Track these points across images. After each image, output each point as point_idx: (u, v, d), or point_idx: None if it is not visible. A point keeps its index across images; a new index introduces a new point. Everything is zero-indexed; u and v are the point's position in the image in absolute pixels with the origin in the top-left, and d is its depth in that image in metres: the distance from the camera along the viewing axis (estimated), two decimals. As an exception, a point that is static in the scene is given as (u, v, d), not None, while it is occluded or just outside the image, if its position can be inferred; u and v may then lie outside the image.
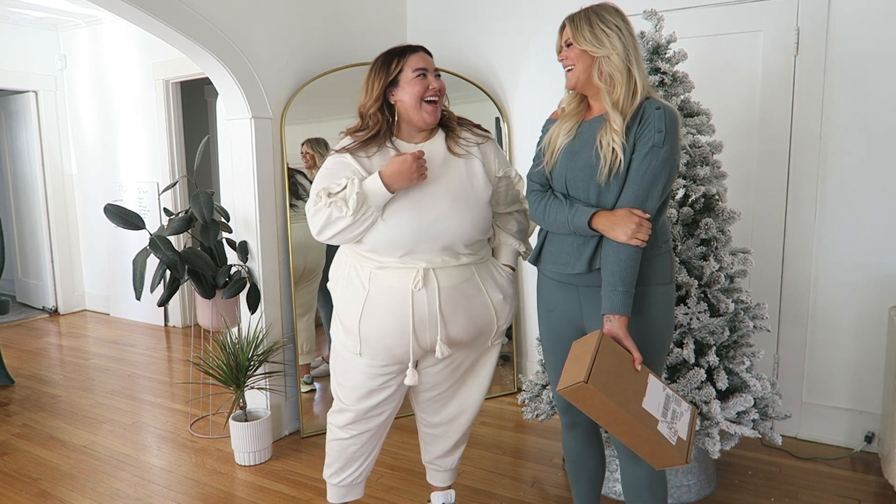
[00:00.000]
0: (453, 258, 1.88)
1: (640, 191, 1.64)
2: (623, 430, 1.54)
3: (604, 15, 1.69)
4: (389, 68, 1.86)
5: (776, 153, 2.87)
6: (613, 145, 1.63)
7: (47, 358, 4.43)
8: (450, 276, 1.87)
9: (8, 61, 5.11)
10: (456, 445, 2.26)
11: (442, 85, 1.89)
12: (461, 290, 1.89)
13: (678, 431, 1.59)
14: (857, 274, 2.78)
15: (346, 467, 2.14)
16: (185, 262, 2.99)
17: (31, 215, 5.61)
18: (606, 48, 1.66)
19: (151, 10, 2.46)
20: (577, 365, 1.55)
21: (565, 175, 1.74)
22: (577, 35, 1.69)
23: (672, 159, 1.65)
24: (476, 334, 1.97)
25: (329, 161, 1.89)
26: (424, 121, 1.87)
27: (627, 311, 1.63)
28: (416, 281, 1.83)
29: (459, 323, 1.90)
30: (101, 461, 2.90)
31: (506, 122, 3.52)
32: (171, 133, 4.89)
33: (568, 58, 1.72)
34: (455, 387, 2.14)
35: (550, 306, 1.87)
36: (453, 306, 1.88)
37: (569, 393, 1.52)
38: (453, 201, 1.85)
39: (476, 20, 3.56)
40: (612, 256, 1.64)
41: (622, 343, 1.63)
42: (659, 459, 1.58)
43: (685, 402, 1.68)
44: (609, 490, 2.53)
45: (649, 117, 1.64)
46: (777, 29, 2.80)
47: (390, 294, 1.85)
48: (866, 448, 2.82)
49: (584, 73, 1.70)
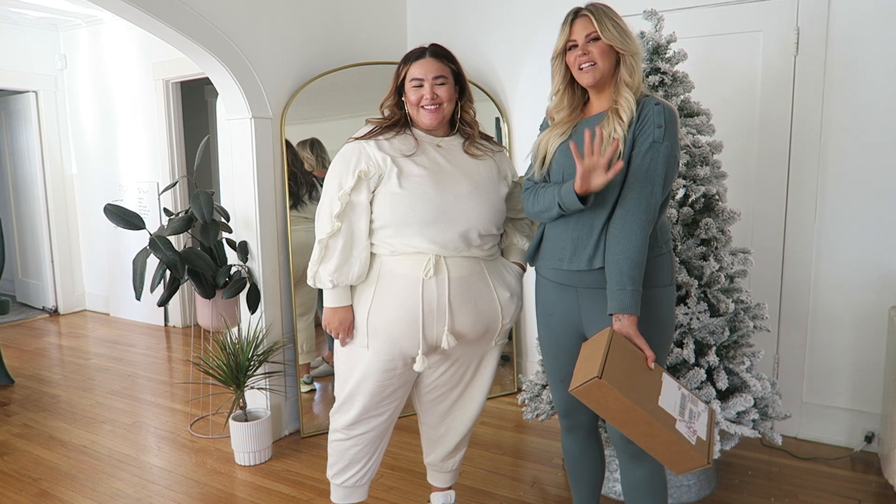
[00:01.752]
0: (466, 247, 1.89)
1: (642, 187, 1.61)
2: (641, 430, 1.48)
3: (613, 11, 1.68)
4: (398, 72, 1.94)
5: (776, 153, 2.87)
6: (615, 135, 1.62)
7: (47, 358, 4.43)
8: (460, 267, 1.89)
9: (8, 61, 5.11)
10: (458, 447, 2.26)
11: (441, 94, 1.89)
12: (470, 283, 1.90)
13: (697, 431, 1.53)
14: (857, 274, 2.78)
15: (347, 469, 2.14)
16: (185, 262, 2.99)
17: (31, 215, 5.60)
18: (632, 44, 1.66)
19: (151, 10, 2.46)
20: (589, 363, 1.51)
21: (563, 171, 1.72)
22: (604, 30, 1.64)
23: (672, 155, 1.63)
24: (481, 331, 1.97)
25: (345, 148, 1.92)
26: (423, 123, 1.92)
27: (637, 310, 1.60)
28: (428, 269, 1.84)
29: (467, 316, 1.91)
30: (101, 461, 2.90)
31: (506, 122, 3.52)
32: (171, 133, 4.89)
33: (590, 53, 1.66)
34: (458, 389, 2.13)
35: (549, 309, 1.86)
36: (462, 298, 1.89)
37: (582, 391, 1.46)
38: (474, 187, 1.90)
39: (476, 20, 3.56)
40: (621, 255, 1.61)
41: (633, 341, 1.60)
42: (679, 462, 1.51)
43: (702, 402, 1.64)
44: (609, 490, 2.53)
45: (648, 113, 1.63)
46: (777, 29, 2.80)
47: (400, 283, 1.87)
48: (866, 448, 2.82)
49: (608, 70, 1.67)
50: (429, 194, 1.84)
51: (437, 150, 1.93)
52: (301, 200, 3.07)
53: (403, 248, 1.87)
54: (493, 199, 1.94)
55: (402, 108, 1.95)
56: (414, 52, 1.94)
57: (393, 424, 2.15)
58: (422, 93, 1.88)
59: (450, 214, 1.85)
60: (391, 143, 1.90)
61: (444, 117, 1.92)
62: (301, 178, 3.07)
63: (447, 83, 1.90)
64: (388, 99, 1.97)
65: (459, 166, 1.92)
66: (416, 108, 1.90)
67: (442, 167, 1.89)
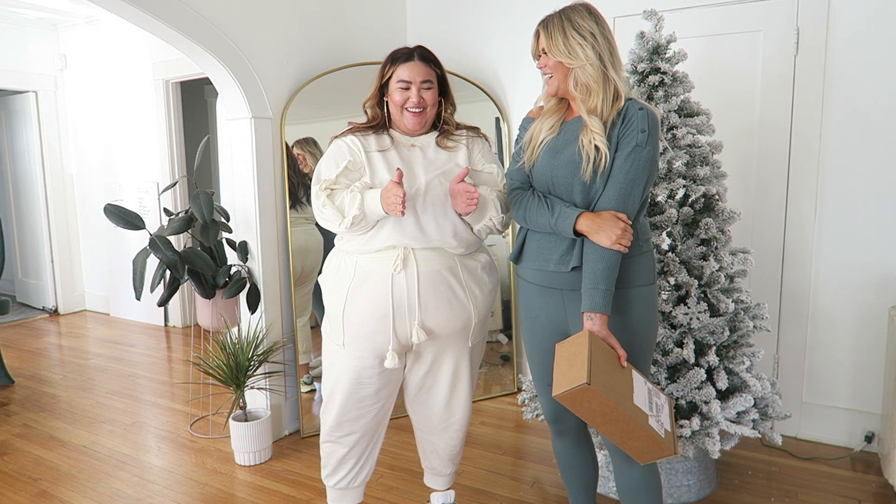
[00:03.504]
0: (439, 240, 1.88)
1: (623, 190, 1.64)
2: (619, 428, 1.53)
3: (577, 21, 1.66)
4: (384, 71, 1.94)
5: (776, 153, 2.87)
6: (596, 143, 1.63)
7: (47, 358, 4.43)
8: (430, 261, 1.89)
9: (8, 61, 5.11)
10: (452, 452, 2.25)
11: (426, 98, 1.91)
12: (441, 277, 1.90)
13: (664, 424, 1.59)
14: (857, 274, 2.78)
15: (336, 471, 2.15)
16: (185, 262, 2.99)
17: (31, 215, 5.61)
18: (580, 59, 1.65)
19: (151, 10, 2.46)
20: (572, 368, 1.53)
21: (548, 172, 1.73)
22: (550, 45, 1.69)
23: (654, 160, 1.65)
24: (455, 328, 1.96)
25: (331, 146, 1.96)
26: (406, 126, 1.94)
27: (608, 309, 1.63)
28: (396, 263, 1.86)
29: (438, 311, 1.91)
30: (101, 461, 2.90)
31: (506, 122, 3.52)
32: (171, 133, 4.89)
33: (546, 66, 1.73)
34: (441, 391, 2.10)
35: (534, 312, 1.85)
36: (432, 292, 1.89)
37: (567, 397, 1.49)
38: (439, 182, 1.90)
39: (476, 20, 3.56)
40: (596, 255, 1.63)
41: (606, 341, 1.63)
42: (649, 454, 1.58)
43: (663, 394, 1.69)
44: (609, 490, 2.53)
45: (632, 117, 1.64)
46: (777, 29, 2.80)
47: (372, 279, 1.89)
48: (866, 448, 2.82)
49: (562, 82, 1.71)
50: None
51: (409, 150, 1.94)
52: (300, 201, 3.07)
53: (374, 244, 1.89)
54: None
55: (384, 108, 1.96)
56: (401, 52, 1.93)
57: (382, 427, 2.15)
58: (408, 95, 1.90)
59: (416, 208, 1.86)
60: (368, 141, 1.93)
61: (426, 122, 1.94)
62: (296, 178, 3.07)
63: (433, 88, 1.92)
64: (371, 98, 1.98)
65: (430, 161, 1.93)
66: (400, 110, 1.92)
67: (412, 164, 1.91)
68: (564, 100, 1.78)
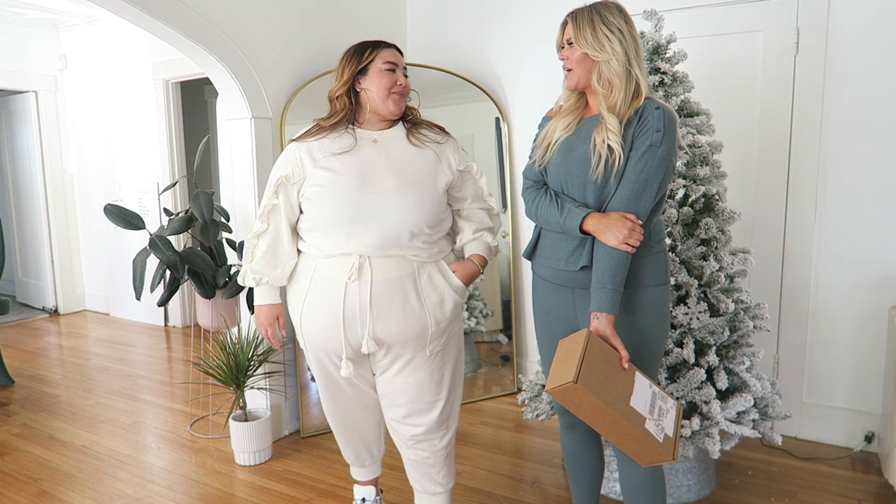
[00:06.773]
0: (395, 247, 1.84)
1: (635, 189, 1.63)
2: (611, 428, 1.54)
3: (607, 16, 1.66)
4: (361, 57, 1.90)
5: (776, 153, 2.87)
6: (609, 142, 1.62)
7: (47, 358, 4.43)
8: (386, 269, 1.85)
9: (8, 61, 5.11)
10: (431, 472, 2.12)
11: (408, 85, 1.93)
12: (397, 286, 1.86)
13: (665, 429, 1.59)
14: (857, 274, 2.78)
15: (344, 449, 2.27)
16: (185, 262, 2.99)
17: (31, 215, 5.61)
18: (607, 53, 1.64)
19: (151, 10, 2.46)
20: (565, 365, 1.54)
21: (561, 171, 1.73)
22: (578, 36, 1.67)
23: (668, 160, 1.64)
24: (407, 337, 1.89)
25: (283, 151, 1.95)
26: (389, 111, 1.90)
27: (615, 309, 1.63)
28: (352, 272, 1.83)
29: (392, 321, 1.86)
30: (101, 461, 2.90)
31: (506, 122, 3.52)
32: (171, 133, 4.89)
33: (568, 58, 1.70)
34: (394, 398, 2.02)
35: (546, 308, 1.87)
36: (386, 302, 1.85)
37: (557, 393, 1.51)
38: (401, 183, 1.84)
39: (476, 20, 3.56)
40: (603, 255, 1.64)
41: (609, 341, 1.63)
42: (647, 457, 1.58)
43: (671, 399, 1.68)
44: (609, 490, 2.53)
45: (648, 116, 1.64)
46: (777, 29, 2.80)
47: (327, 286, 1.87)
48: (866, 448, 2.82)
49: (584, 76, 1.69)
50: (351, 195, 1.81)
51: (371, 147, 1.89)
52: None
53: (331, 250, 1.86)
54: (423, 194, 1.86)
55: (350, 101, 1.90)
56: (374, 41, 1.93)
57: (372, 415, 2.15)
58: (395, 77, 1.88)
59: (374, 214, 1.81)
60: (322, 144, 1.87)
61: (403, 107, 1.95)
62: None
63: (408, 77, 1.95)
64: (341, 87, 1.89)
65: (392, 161, 1.87)
66: (385, 95, 1.87)
67: (371, 165, 1.85)
68: (582, 98, 1.78)
